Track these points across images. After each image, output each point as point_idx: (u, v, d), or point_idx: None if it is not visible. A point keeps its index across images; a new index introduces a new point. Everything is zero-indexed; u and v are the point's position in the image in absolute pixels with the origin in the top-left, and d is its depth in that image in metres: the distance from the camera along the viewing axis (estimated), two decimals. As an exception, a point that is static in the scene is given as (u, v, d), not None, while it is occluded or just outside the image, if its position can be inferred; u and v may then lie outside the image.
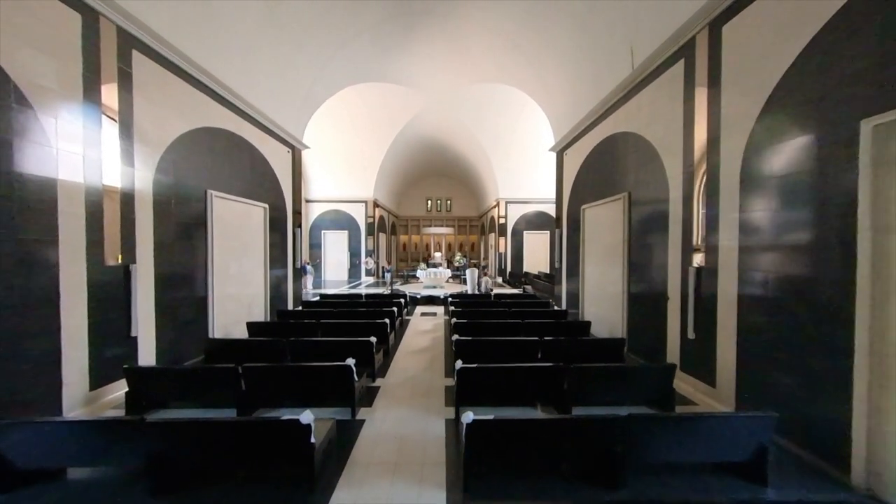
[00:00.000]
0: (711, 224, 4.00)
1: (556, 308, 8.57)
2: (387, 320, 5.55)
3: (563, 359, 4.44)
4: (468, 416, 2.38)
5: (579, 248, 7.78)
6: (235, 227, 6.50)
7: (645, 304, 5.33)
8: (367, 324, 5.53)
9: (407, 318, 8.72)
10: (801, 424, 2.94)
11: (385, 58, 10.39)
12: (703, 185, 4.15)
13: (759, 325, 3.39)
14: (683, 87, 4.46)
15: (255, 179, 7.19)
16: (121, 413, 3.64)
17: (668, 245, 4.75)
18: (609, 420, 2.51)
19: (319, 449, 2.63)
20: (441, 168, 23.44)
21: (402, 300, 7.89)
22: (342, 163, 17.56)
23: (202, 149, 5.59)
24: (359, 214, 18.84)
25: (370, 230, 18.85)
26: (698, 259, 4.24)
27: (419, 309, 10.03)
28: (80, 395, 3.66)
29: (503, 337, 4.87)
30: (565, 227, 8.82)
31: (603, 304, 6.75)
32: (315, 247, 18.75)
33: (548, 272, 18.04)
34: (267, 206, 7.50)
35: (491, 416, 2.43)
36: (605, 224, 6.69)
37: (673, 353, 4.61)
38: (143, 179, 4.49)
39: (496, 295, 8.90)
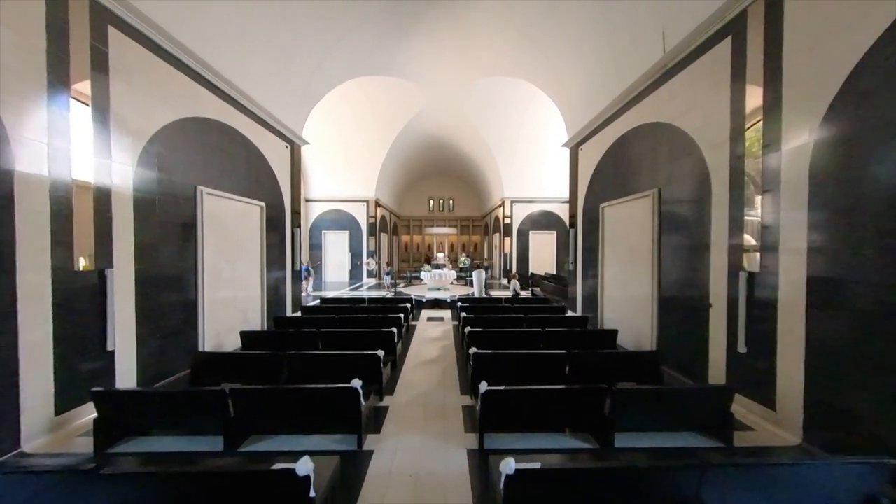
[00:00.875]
0: (770, 223, 3.49)
1: (573, 314, 8.08)
2: (394, 329, 5.05)
3: (593, 375, 3.96)
4: (509, 466, 1.88)
5: (598, 250, 7.28)
6: (229, 227, 6.01)
7: (680, 311, 4.82)
8: (373, 333, 5.03)
9: (413, 323, 8.23)
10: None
11: (388, 50, 9.90)
12: (756, 180, 3.64)
13: (837, 339, 2.88)
14: (731, 68, 3.95)
15: (251, 176, 6.70)
16: (89, 441, 3.13)
17: (711, 246, 4.24)
18: (683, 468, 2.01)
19: (321, 498, 2.13)
20: (444, 167, 22.95)
21: (409, 305, 7.40)
22: (343, 161, 17.08)
23: (191, 141, 5.09)
24: (360, 214, 18.36)
25: (372, 230, 18.37)
26: (749, 262, 3.74)
27: (425, 313, 9.53)
28: (42, 421, 3.17)
29: (525, 350, 4.37)
30: (581, 226, 8.32)
31: (626, 310, 6.25)
32: (315, 247, 18.26)
33: (555, 273, 17.54)
34: (264, 204, 7.00)
35: (537, 465, 1.93)
36: (629, 223, 6.19)
37: (717, 369, 4.11)
38: (121, 173, 3.99)
39: (507, 299, 8.41)
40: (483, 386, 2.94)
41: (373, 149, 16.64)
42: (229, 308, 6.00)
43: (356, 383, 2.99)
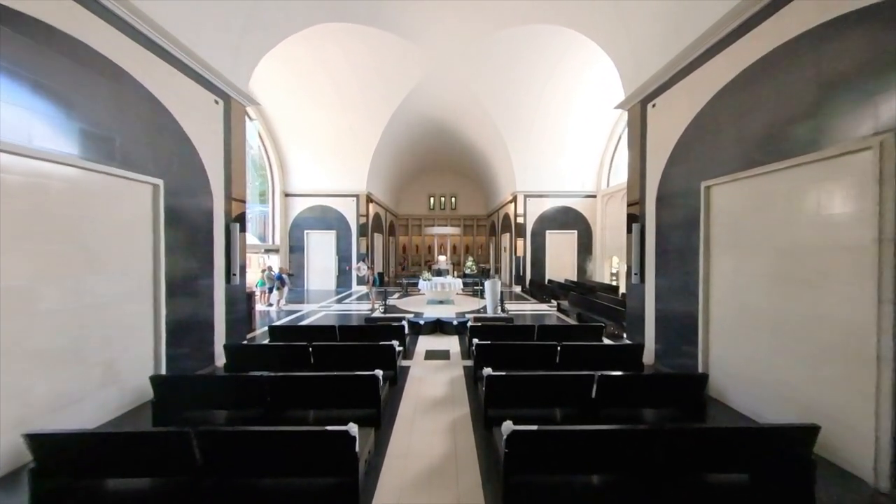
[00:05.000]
0: None
1: (694, 372, 5.38)
2: (352, 429, 2.34)
3: None
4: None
5: (697, 252, 4.60)
6: (65, 215, 3.33)
7: None
8: (323, 430, 2.33)
9: (404, 364, 5.54)
10: None
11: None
12: None
13: None
14: None
15: (131, 135, 4.03)
16: None
17: None
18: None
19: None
20: (446, 158, 20.29)
21: (396, 343, 4.67)
22: (328, 147, 14.47)
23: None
24: (349, 211, 15.70)
25: (363, 230, 15.69)
26: None
27: (422, 343, 6.84)
28: None
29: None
30: (653, 218, 5.64)
31: (775, 359, 3.55)
32: (296, 250, 15.60)
33: (576, 280, 14.84)
34: (161, 183, 4.33)
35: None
36: (779, 209, 3.52)
37: None
38: None
39: (541, 327, 5.64)
40: None
41: (363, 132, 13.99)
42: (61, 363, 3.29)
43: None
